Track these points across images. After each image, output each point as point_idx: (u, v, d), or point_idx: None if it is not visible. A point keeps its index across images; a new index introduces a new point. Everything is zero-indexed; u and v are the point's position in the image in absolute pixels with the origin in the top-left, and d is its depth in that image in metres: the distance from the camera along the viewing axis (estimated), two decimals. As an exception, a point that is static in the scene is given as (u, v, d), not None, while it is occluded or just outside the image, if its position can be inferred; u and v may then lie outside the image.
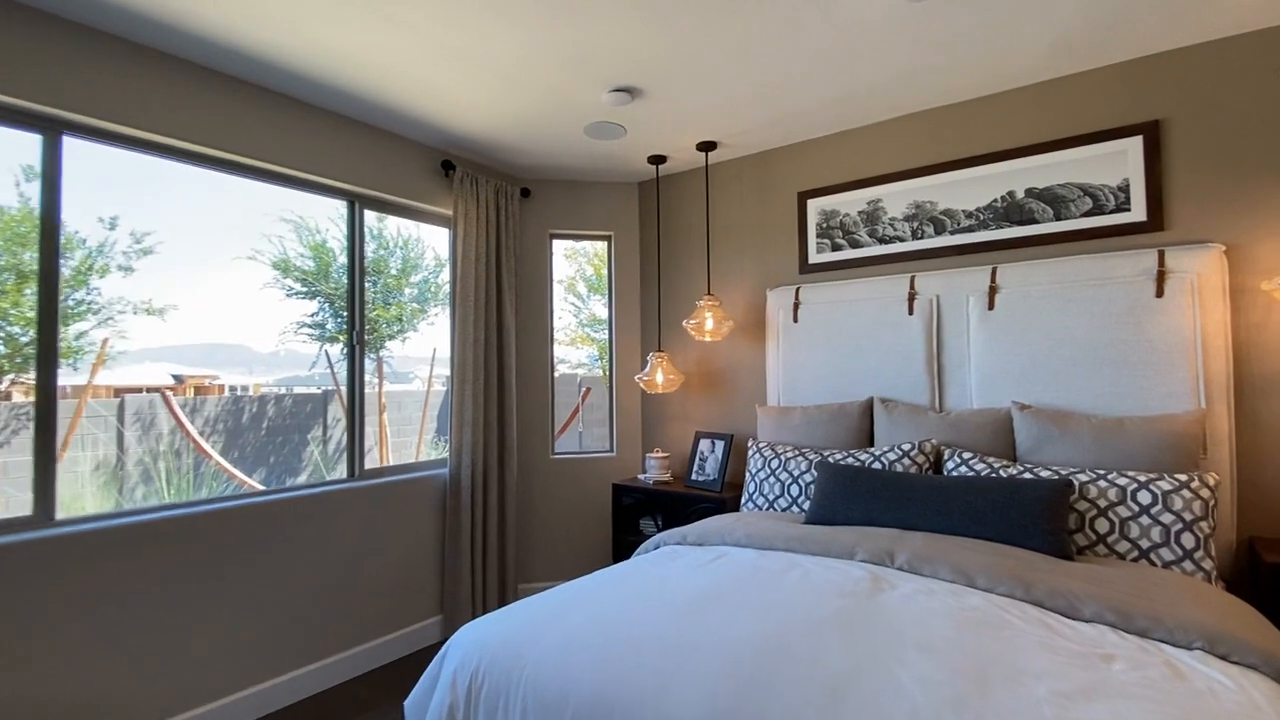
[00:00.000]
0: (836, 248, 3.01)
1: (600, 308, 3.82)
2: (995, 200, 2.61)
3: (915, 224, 2.79)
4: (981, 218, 2.63)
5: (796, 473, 2.58)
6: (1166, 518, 1.88)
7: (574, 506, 3.56)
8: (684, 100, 2.63)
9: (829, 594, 1.53)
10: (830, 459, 2.54)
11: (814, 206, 3.08)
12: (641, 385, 3.27)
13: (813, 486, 2.50)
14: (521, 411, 3.51)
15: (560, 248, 3.77)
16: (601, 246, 3.78)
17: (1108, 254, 2.31)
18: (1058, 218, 2.47)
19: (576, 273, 4.54)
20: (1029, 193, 2.53)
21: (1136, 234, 2.32)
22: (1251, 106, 2.14)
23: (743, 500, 2.75)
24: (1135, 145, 2.33)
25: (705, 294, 3.24)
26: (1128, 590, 1.53)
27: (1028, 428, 2.30)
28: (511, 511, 3.29)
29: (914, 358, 2.66)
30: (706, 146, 3.14)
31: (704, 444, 3.21)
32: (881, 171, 2.89)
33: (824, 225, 3.05)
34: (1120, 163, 2.36)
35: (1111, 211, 2.37)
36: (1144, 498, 1.92)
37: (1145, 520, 1.90)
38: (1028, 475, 2.12)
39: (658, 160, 3.31)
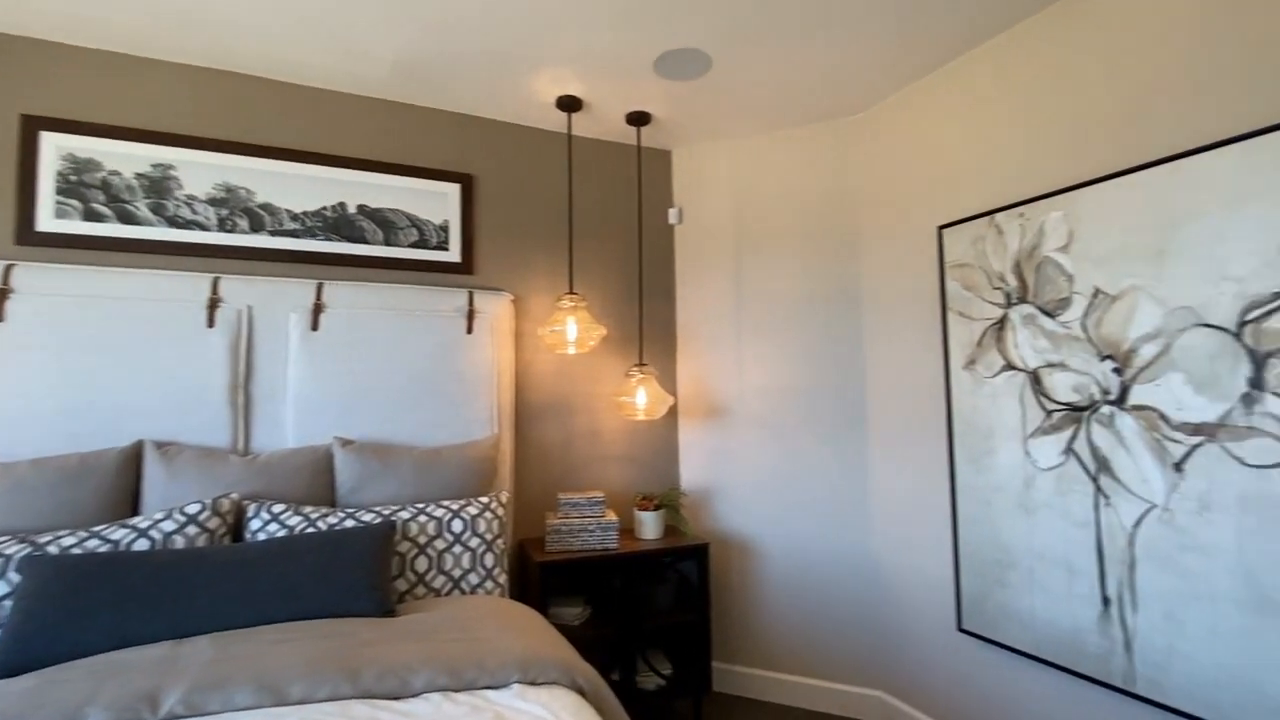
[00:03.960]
0: (94, 216, 2.00)
1: None
2: (326, 208, 2.30)
3: (225, 211, 2.16)
4: (309, 224, 2.27)
5: (-30, 585, 1.46)
6: (474, 542, 1.97)
7: None
8: None
9: None
10: (51, 549, 1.56)
11: (55, 143, 1.97)
12: None
13: (8, 604, 1.46)
14: None
15: None
16: None
17: (432, 288, 2.36)
18: (388, 243, 2.38)
19: None
20: (361, 209, 2.35)
21: (453, 273, 2.48)
22: (525, 185, 2.63)
23: None
24: (455, 191, 2.50)
25: None
26: (451, 636, 1.45)
27: (349, 466, 2.05)
28: None
29: (213, 384, 2.01)
30: None
31: None
32: (178, 130, 2.12)
33: (73, 179, 1.99)
34: (443, 204, 2.48)
35: (434, 248, 2.46)
36: (457, 526, 1.97)
37: (458, 549, 1.94)
38: (350, 523, 1.85)
39: None
